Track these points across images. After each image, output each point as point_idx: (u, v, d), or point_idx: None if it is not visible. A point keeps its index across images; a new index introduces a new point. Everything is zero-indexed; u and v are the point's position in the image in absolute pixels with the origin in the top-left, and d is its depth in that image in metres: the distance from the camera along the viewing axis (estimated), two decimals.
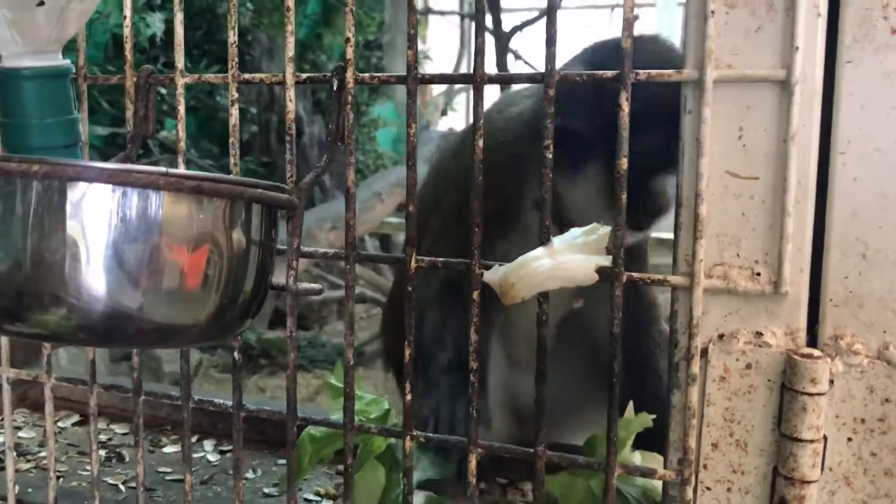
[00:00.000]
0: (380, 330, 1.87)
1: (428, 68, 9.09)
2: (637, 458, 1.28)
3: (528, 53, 6.85)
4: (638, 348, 1.60)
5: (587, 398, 1.62)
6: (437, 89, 8.44)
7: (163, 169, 0.76)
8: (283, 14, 0.96)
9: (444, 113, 7.69)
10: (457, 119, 8.84)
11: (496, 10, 6.46)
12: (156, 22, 5.67)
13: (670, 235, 0.92)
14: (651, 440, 1.24)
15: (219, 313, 0.85)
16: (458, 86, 7.89)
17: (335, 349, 5.55)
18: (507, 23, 6.53)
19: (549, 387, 1.53)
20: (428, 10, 8.66)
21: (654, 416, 1.18)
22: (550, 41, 0.89)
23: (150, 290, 0.80)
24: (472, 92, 0.94)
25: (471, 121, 0.97)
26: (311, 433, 1.30)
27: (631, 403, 1.23)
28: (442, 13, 9.00)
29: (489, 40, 7.08)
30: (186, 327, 0.83)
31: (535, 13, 6.92)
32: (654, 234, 1.52)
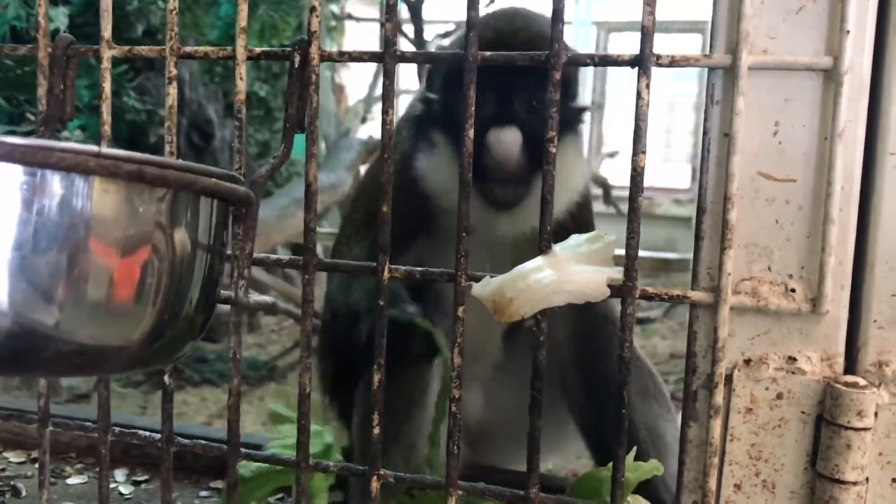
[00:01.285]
0: (318, 350, 1.70)
1: (345, 76, 8.92)
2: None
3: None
4: (594, 367, 1.48)
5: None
6: (355, 97, 8.25)
7: (94, 148, 0.59)
8: (195, 14, 0.80)
9: (363, 121, 7.51)
10: (376, 127, 8.67)
11: (418, 20, 6.35)
12: (59, 16, 5.33)
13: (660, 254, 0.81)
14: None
15: (156, 332, 0.68)
16: (376, 94, 7.74)
17: (246, 363, 5.30)
18: (429, 33, 6.43)
19: (498, 406, 1.39)
20: (346, 16, 8.47)
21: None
22: (557, 16, 0.77)
23: (70, 304, 0.63)
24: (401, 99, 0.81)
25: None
26: (241, 473, 1.10)
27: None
28: (358, 20, 8.83)
29: (411, 49, 6.97)
30: (116, 350, 0.66)
31: (454, 25, 6.84)
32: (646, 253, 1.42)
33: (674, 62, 0.75)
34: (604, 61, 0.78)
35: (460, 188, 0.81)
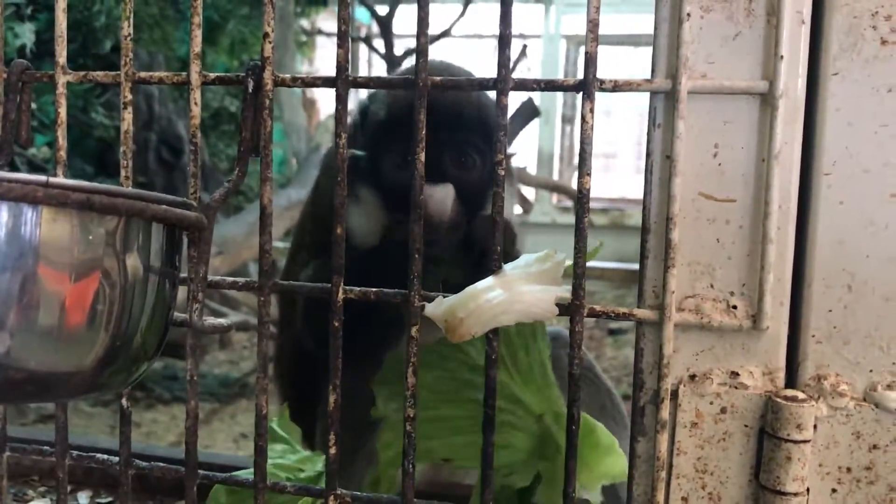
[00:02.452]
0: (274, 365, 1.71)
1: (316, 91, 8.91)
2: None
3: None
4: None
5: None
6: (325, 112, 8.26)
7: (42, 178, 0.60)
8: (163, 29, 0.81)
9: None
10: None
11: (388, 34, 6.38)
12: (26, 32, 5.29)
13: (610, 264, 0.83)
14: None
15: (109, 357, 0.69)
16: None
17: (217, 380, 5.26)
18: (399, 47, 6.46)
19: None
20: (317, 32, 8.48)
21: None
22: (504, 42, 0.79)
23: (21, 330, 0.63)
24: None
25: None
26: (213, 497, 1.11)
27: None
28: (330, 35, 8.86)
29: (381, 64, 7.00)
30: (68, 376, 0.67)
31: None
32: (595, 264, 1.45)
33: (616, 87, 0.77)
34: (550, 86, 0.80)
35: (412, 209, 0.82)
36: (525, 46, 6.87)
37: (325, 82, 0.84)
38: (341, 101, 0.82)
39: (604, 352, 5.58)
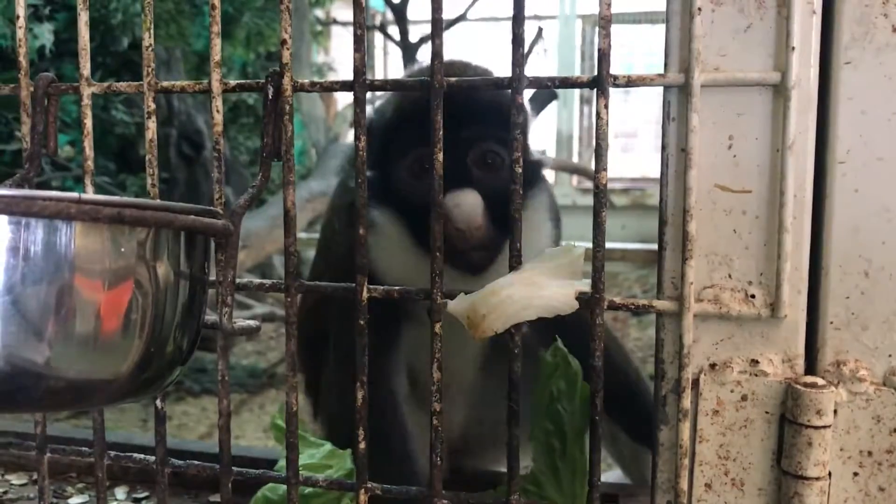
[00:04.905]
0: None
1: (332, 78, 8.93)
2: None
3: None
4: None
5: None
6: (344, 101, 8.27)
7: (74, 195, 0.62)
8: (180, 25, 0.83)
9: (352, 125, 7.56)
10: None
11: (402, 22, 6.37)
12: (45, 33, 5.34)
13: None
14: None
15: (144, 363, 0.71)
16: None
17: (245, 371, 5.33)
18: (414, 34, 6.45)
19: (481, 412, 1.41)
20: (332, 21, 8.49)
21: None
22: (517, 41, 0.80)
23: (60, 341, 0.66)
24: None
25: None
26: (267, 496, 1.13)
27: None
28: (346, 24, 8.86)
29: (396, 51, 6.99)
30: (105, 383, 0.69)
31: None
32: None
33: (630, 82, 0.78)
34: (564, 83, 0.81)
35: (432, 208, 0.84)
36: (541, 29, 6.84)
37: (343, 86, 0.85)
38: (359, 104, 0.84)
39: (628, 332, 5.59)
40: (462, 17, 6.33)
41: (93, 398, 0.71)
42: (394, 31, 6.75)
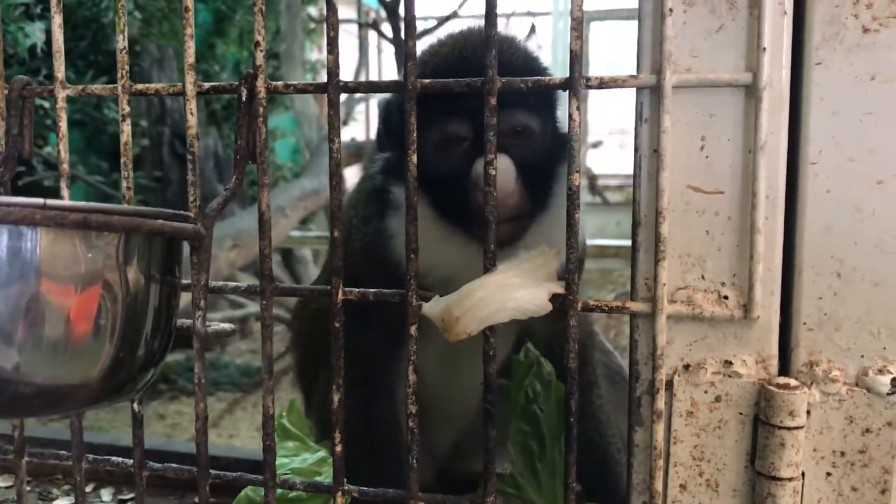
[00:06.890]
0: (295, 365, 1.71)
1: (324, 77, 8.92)
2: None
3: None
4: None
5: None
6: None
7: (40, 200, 0.62)
8: (172, 23, 0.82)
9: (344, 123, 7.55)
10: (357, 129, 8.69)
11: (395, 19, 6.36)
12: (36, 32, 5.32)
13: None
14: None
15: (115, 367, 0.71)
16: (357, 95, 7.75)
17: (239, 370, 5.33)
18: None
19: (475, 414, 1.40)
20: (324, 19, 8.47)
21: None
22: (490, 43, 0.80)
23: (28, 346, 0.66)
24: (370, 101, 0.84)
25: (372, 132, 0.88)
26: (250, 496, 1.13)
27: None
28: (341, 22, 8.84)
29: (390, 49, 6.98)
30: (76, 388, 0.69)
31: (434, 22, 6.85)
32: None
33: (602, 84, 0.78)
34: (537, 85, 0.81)
35: (406, 211, 0.84)
36: (533, 25, 6.84)
37: (317, 88, 0.85)
38: (333, 106, 0.84)
39: (622, 329, 5.58)
40: (454, 15, 6.32)
41: (64, 403, 0.71)
42: (387, 28, 6.74)
